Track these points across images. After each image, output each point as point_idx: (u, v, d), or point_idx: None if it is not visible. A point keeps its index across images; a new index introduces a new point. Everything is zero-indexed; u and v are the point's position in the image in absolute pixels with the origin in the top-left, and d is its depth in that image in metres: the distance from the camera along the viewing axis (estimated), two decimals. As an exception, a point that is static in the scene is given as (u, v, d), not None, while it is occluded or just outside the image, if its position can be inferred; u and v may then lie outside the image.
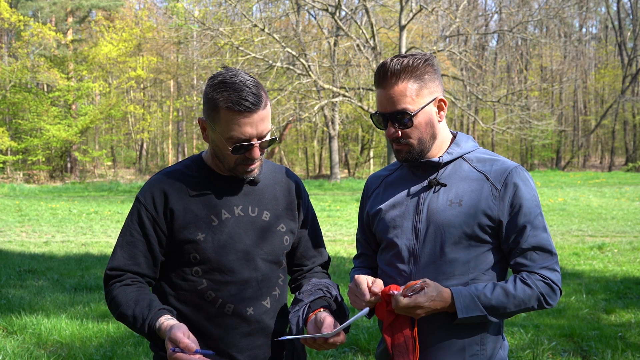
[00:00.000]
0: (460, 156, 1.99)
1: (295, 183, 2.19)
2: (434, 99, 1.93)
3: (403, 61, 1.88)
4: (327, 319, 1.90)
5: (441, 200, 1.93)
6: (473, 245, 1.90)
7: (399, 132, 1.92)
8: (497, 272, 1.94)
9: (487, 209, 1.88)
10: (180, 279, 2.00)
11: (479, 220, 1.88)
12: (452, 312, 1.84)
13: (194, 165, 2.07)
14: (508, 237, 1.90)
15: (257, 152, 1.93)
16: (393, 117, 1.91)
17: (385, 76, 1.89)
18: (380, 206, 2.05)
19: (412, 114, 1.89)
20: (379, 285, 1.88)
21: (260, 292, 2.03)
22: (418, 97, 1.90)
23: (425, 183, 1.99)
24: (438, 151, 1.99)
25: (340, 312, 2.02)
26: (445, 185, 1.95)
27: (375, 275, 2.08)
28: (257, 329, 2.01)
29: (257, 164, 1.98)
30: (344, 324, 1.83)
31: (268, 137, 1.95)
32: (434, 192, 1.96)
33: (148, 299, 1.92)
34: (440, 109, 1.96)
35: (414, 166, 2.02)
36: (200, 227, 1.97)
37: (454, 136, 2.05)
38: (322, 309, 1.97)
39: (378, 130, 37.71)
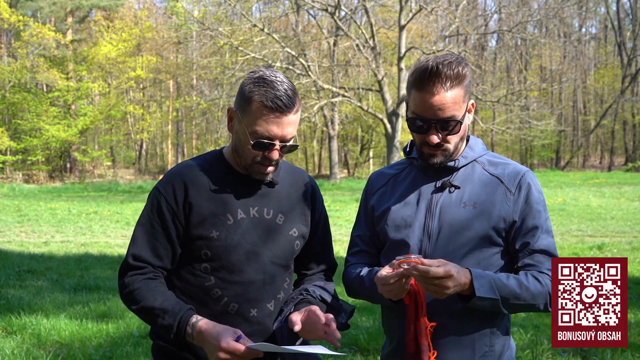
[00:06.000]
0: (474, 160, 2.01)
1: (312, 188, 2.18)
2: (470, 103, 1.96)
3: (453, 66, 1.85)
4: (294, 326, 1.91)
5: (454, 202, 1.94)
6: (485, 247, 1.92)
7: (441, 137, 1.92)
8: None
9: (501, 212, 1.91)
10: (189, 273, 2.02)
11: (493, 223, 1.90)
12: (467, 294, 1.83)
13: (214, 160, 2.08)
14: (517, 238, 1.92)
15: (276, 154, 1.94)
16: (443, 124, 1.89)
17: (436, 81, 1.85)
18: (389, 204, 2.04)
19: (462, 121, 1.90)
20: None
21: (266, 294, 2.04)
22: (463, 103, 1.91)
23: (438, 184, 1.99)
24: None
25: (332, 311, 2.03)
26: (458, 188, 1.96)
27: None
28: (258, 330, 2.02)
29: (273, 166, 1.99)
30: (289, 347, 1.85)
31: (290, 143, 1.97)
32: (449, 193, 1.96)
33: (174, 296, 1.96)
34: (469, 111, 1.97)
35: (426, 167, 2.01)
36: (215, 224, 1.98)
37: (467, 140, 2.06)
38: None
39: (377, 130, 37.78)
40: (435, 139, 1.90)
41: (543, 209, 1.94)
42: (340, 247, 11.33)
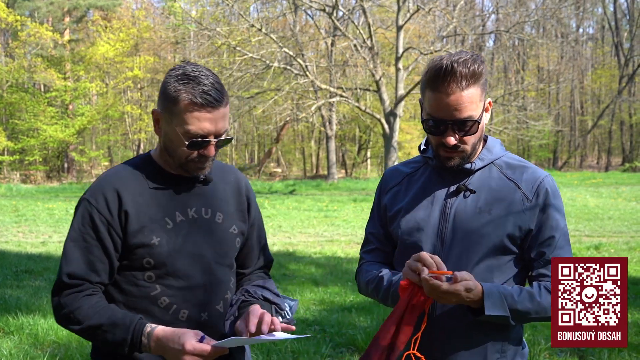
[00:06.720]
0: (491, 162, 1.94)
1: (245, 184, 2.13)
2: (487, 102, 1.90)
3: (468, 64, 1.77)
4: (244, 335, 1.88)
5: (470, 208, 1.88)
6: (499, 254, 1.87)
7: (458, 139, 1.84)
8: (518, 282, 1.92)
9: (517, 219, 1.85)
10: (131, 285, 1.91)
11: (508, 230, 1.85)
12: (476, 307, 1.81)
13: (143, 164, 1.98)
14: (533, 247, 1.88)
15: (212, 150, 1.87)
16: (459, 125, 1.81)
17: (452, 81, 1.76)
18: (402, 205, 1.98)
19: (479, 121, 1.83)
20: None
21: (215, 296, 1.98)
22: (480, 102, 1.83)
23: (453, 188, 1.92)
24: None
25: (275, 308, 2.01)
26: (474, 192, 1.89)
27: None
28: (210, 333, 1.93)
29: (210, 162, 1.92)
30: (254, 338, 1.83)
31: (224, 137, 1.90)
32: (464, 197, 1.90)
33: (120, 309, 1.87)
34: (486, 110, 1.89)
35: (441, 167, 1.94)
36: (154, 230, 1.89)
37: (485, 140, 1.99)
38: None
39: (375, 130, 37.77)
40: (452, 140, 1.82)
41: (561, 217, 1.88)
42: (338, 247, 11.34)
